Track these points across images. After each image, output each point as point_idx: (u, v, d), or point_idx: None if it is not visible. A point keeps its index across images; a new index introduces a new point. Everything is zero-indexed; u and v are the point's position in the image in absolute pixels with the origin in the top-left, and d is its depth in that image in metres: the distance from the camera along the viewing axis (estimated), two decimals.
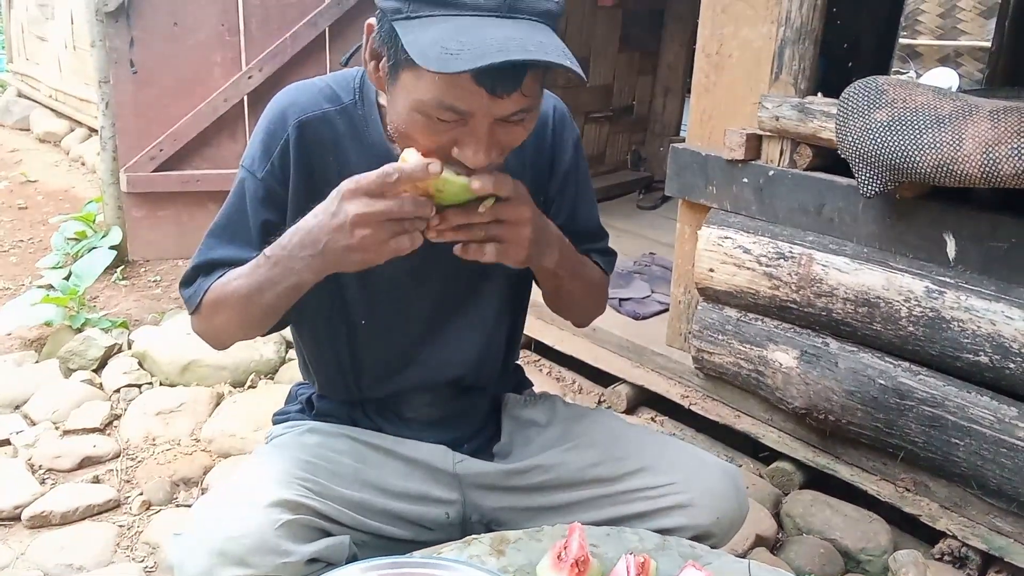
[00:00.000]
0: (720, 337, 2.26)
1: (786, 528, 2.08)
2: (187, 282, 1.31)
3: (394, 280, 1.31)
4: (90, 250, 3.44)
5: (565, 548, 1.17)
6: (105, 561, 1.93)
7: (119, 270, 3.57)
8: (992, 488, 1.81)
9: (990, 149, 1.59)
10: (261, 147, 1.26)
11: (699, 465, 1.37)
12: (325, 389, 1.44)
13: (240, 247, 1.26)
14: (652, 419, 2.58)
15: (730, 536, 1.38)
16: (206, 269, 1.28)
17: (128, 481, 2.25)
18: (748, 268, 2.15)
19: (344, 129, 1.25)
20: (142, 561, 1.95)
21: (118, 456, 2.35)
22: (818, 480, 2.19)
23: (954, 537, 1.91)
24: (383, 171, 1.04)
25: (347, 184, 1.06)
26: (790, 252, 2.06)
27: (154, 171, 3.32)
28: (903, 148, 1.70)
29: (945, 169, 1.64)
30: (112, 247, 3.42)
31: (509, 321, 1.45)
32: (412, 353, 1.38)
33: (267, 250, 1.16)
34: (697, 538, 1.31)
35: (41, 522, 2.05)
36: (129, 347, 2.88)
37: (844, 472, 2.10)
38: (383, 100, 1.25)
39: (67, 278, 3.25)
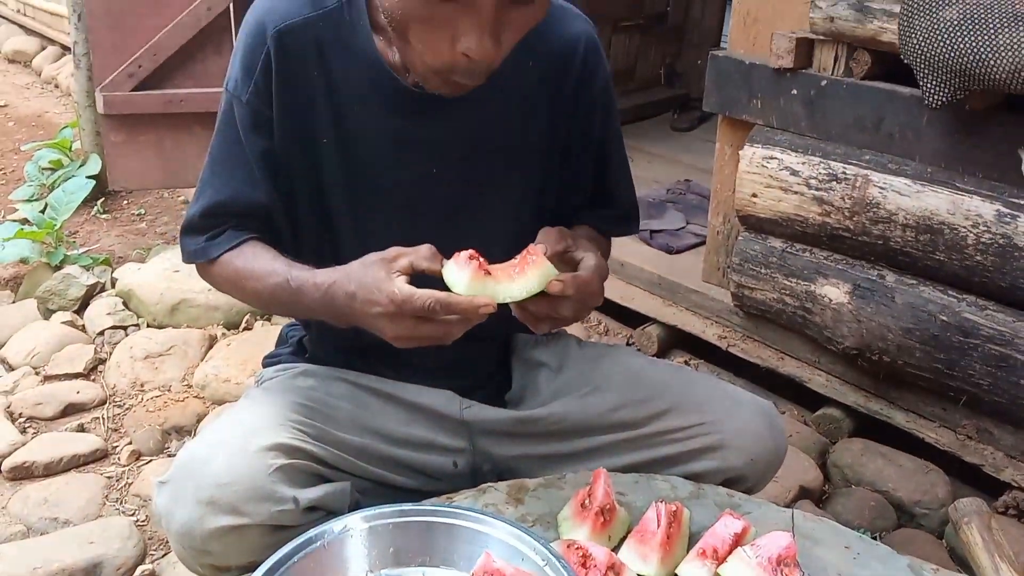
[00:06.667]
0: (763, 271, 2.23)
1: (833, 480, 2.08)
2: (192, 230, 1.32)
3: (390, 217, 1.30)
4: (66, 180, 3.44)
5: (589, 496, 1.17)
6: (93, 514, 1.97)
7: (99, 203, 3.57)
8: None
9: None
10: (242, 65, 1.24)
11: (730, 403, 1.36)
12: (317, 333, 1.44)
13: (242, 183, 1.27)
14: (686, 362, 2.57)
15: (766, 479, 1.37)
16: (212, 215, 1.29)
17: (116, 430, 2.28)
18: (796, 192, 2.11)
19: (328, 36, 1.22)
20: (132, 515, 1.98)
21: (104, 403, 2.38)
22: (869, 428, 2.18)
23: (1020, 488, 1.90)
24: (427, 305, 1.04)
25: (384, 302, 1.07)
26: (843, 173, 2.02)
27: (133, 90, 3.28)
28: (976, 50, 1.63)
29: (1023, 74, 1.58)
30: (90, 176, 3.40)
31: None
32: None
33: (292, 273, 1.20)
34: (730, 482, 1.31)
35: (23, 473, 2.08)
36: (113, 286, 2.90)
37: (899, 418, 2.09)
38: None
39: (43, 211, 3.25)
